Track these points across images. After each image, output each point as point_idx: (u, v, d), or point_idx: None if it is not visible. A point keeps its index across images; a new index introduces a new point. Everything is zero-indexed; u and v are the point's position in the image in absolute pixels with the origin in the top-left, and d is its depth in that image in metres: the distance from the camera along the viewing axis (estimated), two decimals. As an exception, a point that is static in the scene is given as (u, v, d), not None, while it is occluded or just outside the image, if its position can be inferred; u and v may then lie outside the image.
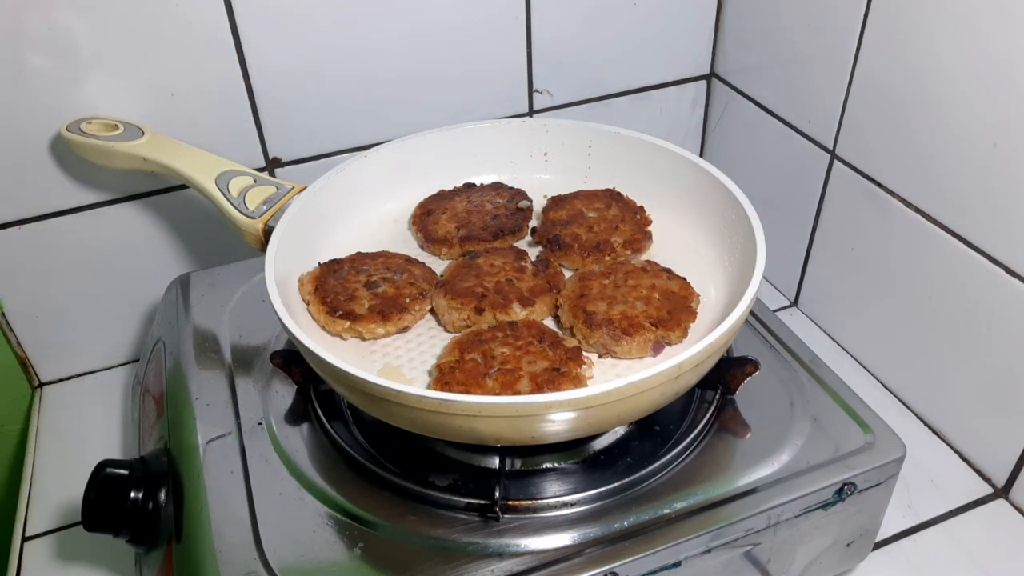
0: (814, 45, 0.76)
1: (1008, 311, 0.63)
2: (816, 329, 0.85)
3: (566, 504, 0.51)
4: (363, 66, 0.76)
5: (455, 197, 0.68)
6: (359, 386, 0.47)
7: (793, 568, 0.57)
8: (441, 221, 0.66)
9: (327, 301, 0.57)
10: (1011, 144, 0.59)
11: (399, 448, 0.55)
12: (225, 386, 0.61)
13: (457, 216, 0.66)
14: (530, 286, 0.59)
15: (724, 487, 0.52)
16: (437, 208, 0.67)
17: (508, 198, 0.68)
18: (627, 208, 0.66)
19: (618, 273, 0.59)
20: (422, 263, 0.63)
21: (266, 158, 0.78)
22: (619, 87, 0.89)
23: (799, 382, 0.60)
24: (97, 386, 0.82)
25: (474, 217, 0.66)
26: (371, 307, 0.57)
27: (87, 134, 0.66)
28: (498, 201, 0.68)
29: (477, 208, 0.67)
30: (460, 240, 0.64)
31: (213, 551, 0.49)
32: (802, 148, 0.80)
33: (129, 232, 0.77)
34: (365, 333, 0.57)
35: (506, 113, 0.85)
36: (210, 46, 0.71)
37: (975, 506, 0.67)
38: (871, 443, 0.55)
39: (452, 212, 0.67)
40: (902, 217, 0.70)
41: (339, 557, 0.49)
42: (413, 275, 0.60)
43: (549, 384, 0.50)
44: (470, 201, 0.68)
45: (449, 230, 0.65)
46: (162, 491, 0.55)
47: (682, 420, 0.58)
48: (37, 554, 0.66)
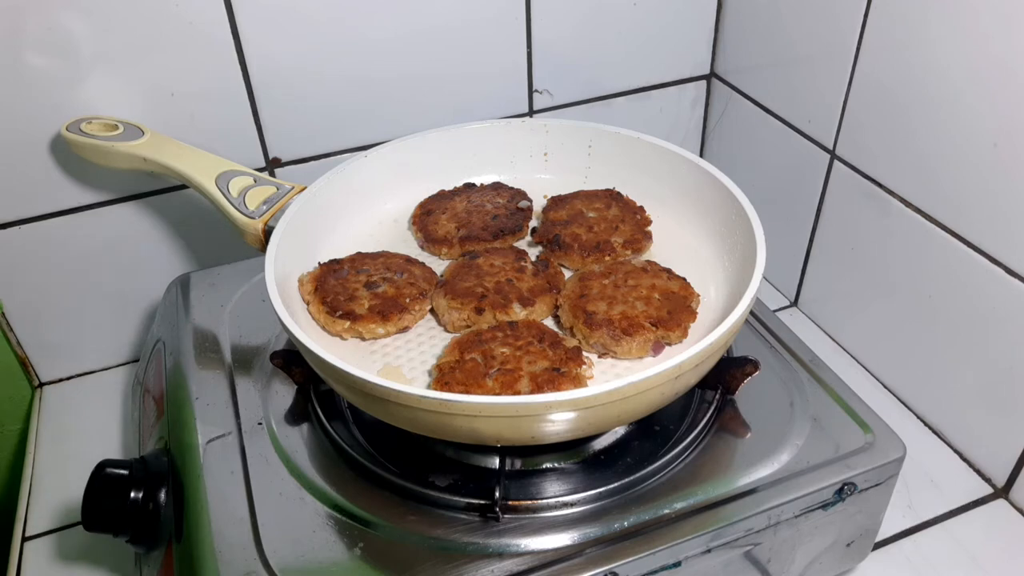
0: (814, 45, 0.76)
1: (1008, 311, 0.63)
2: (816, 329, 0.85)
3: (566, 504, 0.51)
4: (363, 66, 0.77)
5: (455, 197, 0.68)
6: (359, 386, 0.47)
7: (793, 568, 0.57)
8: (441, 221, 0.66)
9: (327, 301, 0.57)
10: (1011, 144, 0.59)
11: (399, 448, 0.55)
12: (225, 386, 0.61)
13: (457, 216, 0.66)
14: (530, 286, 0.59)
15: (724, 487, 0.52)
16: (437, 208, 0.67)
17: (508, 198, 0.68)
18: (627, 208, 0.66)
19: (618, 273, 0.59)
20: (422, 263, 0.63)
21: (266, 158, 0.78)
22: (619, 87, 0.89)
23: (799, 382, 0.60)
24: (97, 386, 0.82)
25: (474, 217, 0.66)
26: (371, 307, 0.57)
27: (87, 134, 0.66)
28: (498, 201, 0.68)
29: (477, 208, 0.67)
30: (460, 240, 0.64)
31: (213, 551, 0.49)
32: (802, 148, 0.80)
33: (129, 232, 0.77)
34: (365, 333, 0.57)
35: (506, 113, 0.85)
36: (210, 46, 0.71)
37: (975, 506, 0.67)
38: (871, 443, 0.55)
39: (452, 212, 0.67)
40: (902, 217, 0.70)
41: (339, 557, 0.49)
42: (413, 275, 0.60)
43: (549, 384, 0.50)
44: (470, 201, 0.68)
45: (449, 230, 0.65)
46: (162, 491, 0.55)
47: (682, 420, 0.58)
48: (37, 554, 0.66)
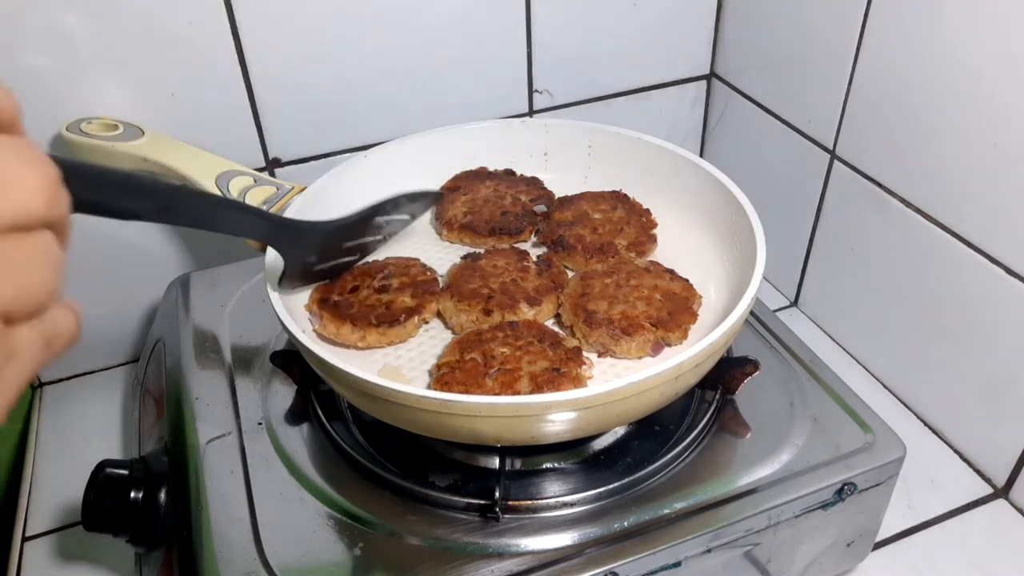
0: (814, 45, 0.76)
1: (1008, 311, 0.63)
2: (816, 329, 0.85)
3: (566, 504, 0.51)
4: (363, 66, 0.76)
5: (487, 180, 0.69)
6: (359, 386, 0.47)
7: (793, 568, 0.57)
8: (458, 202, 0.66)
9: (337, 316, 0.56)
10: (1011, 144, 0.59)
11: (399, 448, 0.55)
12: (225, 386, 0.61)
13: (474, 200, 0.67)
14: (535, 285, 0.59)
15: (724, 487, 0.52)
16: (464, 186, 0.68)
17: (532, 197, 0.68)
18: (633, 210, 0.66)
19: (621, 273, 0.59)
20: (423, 266, 0.62)
21: (266, 158, 0.78)
22: (619, 87, 0.89)
23: (799, 382, 0.60)
24: (97, 386, 0.82)
25: (486, 208, 0.66)
26: (378, 318, 0.56)
27: (87, 134, 0.66)
28: (520, 198, 0.67)
29: (497, 198, 0.67)
30: (460, 227, 0.65)
31: (213, 551, 0.49)
32: (802, 148, 0.80)
33: (129, 232, 0.77)
34: (375, 344, 0.57)
35: (506, 113, 0.84)
36: (210, 46, 0.71)
37: (975, 506, 0.67)
38: (871, 443, 0.55)
39: (473, 195, 0.67)
40: (902, 217, 0.70)
41: (339, 557, 0.49)
42: (416, 282, 0.60)
43: (549, 384, 0.50)
44: (496, 189, 0.68)
45: (456, 213, 0.65)
46: (162, 491, 0.55)
47: (682, 420, 0.58)
48: (37, 554, 0.66)
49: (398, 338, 0.57)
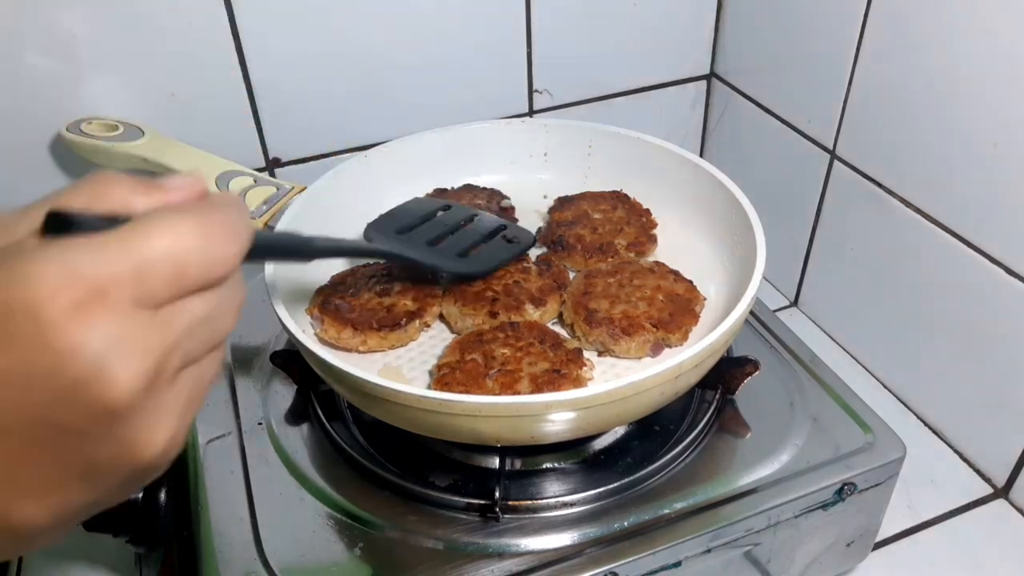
0: (814, 45, 0.76)
1: (1008, 311, 0.63)
2: (816, 329, 0.85)
3: (566, 504, 0.51)
4: (363, 66, 0.76)
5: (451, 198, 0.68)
6: (359, 386, 0.47)
7: (793, 568, 0.57)
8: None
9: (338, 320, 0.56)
10: (1011, 144, 0.59)
11: (399, 448, 0.55)
12: (225, 386, 0.61)
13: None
14: (539, 286, 0.59)
15: (724, 487, 0.52)
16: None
17: (486, 199, 0.67)
18: (633, 210, 0.66)
19: (624, 272, 0.59)
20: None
21: (266, 158, 0.78)
22: (619, 87, 0.89)
23: (799, 382, 0.60)
24: (97, 386, 0.82)
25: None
26: (379, 322, 0.56)
27: (87, 134, 0.66)
28: (477, 203, 0.67)
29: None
30: None
31: (213, 551, 0.49)
32: (802, 148, 0.80)
33: (129, 232, 0.77)
34: (376, 348, 0.56)
35: (506, 113, 0.84)
36: (210, 46, 0.70)
37: (975, 506, 0.67)
38: (871, 443, 0.55)
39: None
40: (902, 217, 0.70)
41: (339, 557, 0.49)
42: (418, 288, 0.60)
43: (549, 385, 0.50)
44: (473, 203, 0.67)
45: None
46: (162, 491, 0.55)
47: (682, 420, 0.58)
48: (37, 554, 0.66)
49: (399, 342, 0.57)
